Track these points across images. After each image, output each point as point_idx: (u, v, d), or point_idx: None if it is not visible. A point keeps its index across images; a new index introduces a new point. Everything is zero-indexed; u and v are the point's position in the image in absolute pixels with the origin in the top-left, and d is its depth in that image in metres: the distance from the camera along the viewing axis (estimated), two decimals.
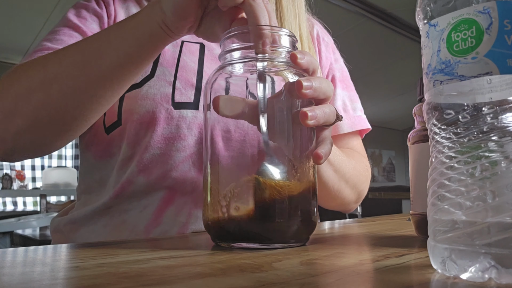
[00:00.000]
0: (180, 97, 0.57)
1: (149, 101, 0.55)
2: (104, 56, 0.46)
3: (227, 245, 0.37)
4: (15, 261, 0.32)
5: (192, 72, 0.59)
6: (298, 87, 0.36)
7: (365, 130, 0.74)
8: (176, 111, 0.56)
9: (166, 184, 0.55)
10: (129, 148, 0.56)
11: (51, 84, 0.47)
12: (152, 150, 0.55)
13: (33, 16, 2.72)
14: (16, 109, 0.48)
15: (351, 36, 3.19)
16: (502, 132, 0.23)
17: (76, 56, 0.47)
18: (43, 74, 0.48)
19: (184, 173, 0.55)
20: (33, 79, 0.48)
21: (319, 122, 0.37)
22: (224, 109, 0.38)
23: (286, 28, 0.46)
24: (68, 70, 0.47)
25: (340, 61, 0.77)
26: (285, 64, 0.39)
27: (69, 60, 0.47)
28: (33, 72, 0.49)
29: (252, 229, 0.36)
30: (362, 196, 0.70)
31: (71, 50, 0.48)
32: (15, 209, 3.68)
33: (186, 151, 0.56)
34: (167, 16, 0.43)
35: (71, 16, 0.61)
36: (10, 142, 0.50)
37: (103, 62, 0.46)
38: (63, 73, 0.47)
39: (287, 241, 0.37)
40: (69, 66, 0.47)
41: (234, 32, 0.39)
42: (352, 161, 0.63)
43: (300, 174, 0.38)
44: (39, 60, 0.50)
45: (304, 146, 0.39)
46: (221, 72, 0.39)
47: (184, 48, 0.61)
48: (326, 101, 0.40)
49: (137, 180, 0.55)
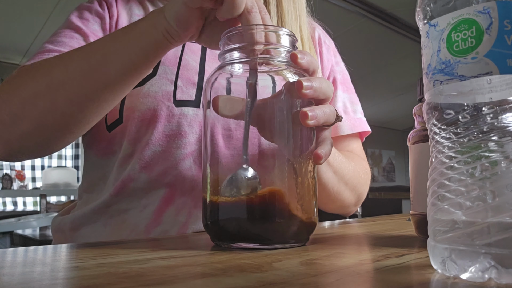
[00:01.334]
0: (181, 95, 0.57)
1: (151, 98, 0.56)
2: (109, 64, 0.47)
3: (226, 245, 0.37)
4: (15, 261, 0.32)
5: (194, 71, 0.59)
6: (299, 87, 0.36)
7: (365, 133, 0.74)
8: (177, 108, 0.56)
9: (166, 181, 0.55)
10: (129, 145, 0.56)
11: (57, 90, 0.48)
12: (153, 147, 0.56)
13: (33, 16, 2.71)
14: (23, 113, 0.49)
15: (351, 36, 3.19)
16: (502, 132, 0.23)
17: (81, 63, 0.48)
18: (50, 79, 0.49)
19: (185, 170, 0.55)
20: (39, 84, 0.49)
21: (319, 122, 0.37)
22: (223, 109, 0.38)
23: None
24: (74, 76, 0.48)
25: (341, 64, 0.77)
26: (285, 63, 0.39)
27: (75, 67, 0.48)
28: (39, 77, 0.49)
29: (251, 229, 0.36)
30: (362, 199, 0.69)
31: (77, 56, 0.49)
32: (15, 209, 3.67)
33: (187, 148, 0.56)
34: (170, 26, 0.44)
35: (73, 18, 0.62)
36: (15, 144, 0.51)
37: (108, 69, 0.47)
38: (69, 80, 0.48)
39: (287, 241, 0.37)
40: (75, 72, 0.48)
41: (233, 32, 0.39)
42: (352, 163, 0.63)
43: (300, 175, 0.38)
44: (45, 64, 0.51)
45: (304, 146, 0.39)
46: (221, 71, 0.39)
47: (186, 47, 0.61)
48: (326, 101, 0.40)
49: (138, 177, 0.56)
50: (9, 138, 0.51)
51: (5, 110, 0.50)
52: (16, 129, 0.50)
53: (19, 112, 0.49)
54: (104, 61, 0.47)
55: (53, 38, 0.59)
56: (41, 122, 0.49)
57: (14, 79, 0.52)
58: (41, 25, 2.85)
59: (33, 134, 0.50)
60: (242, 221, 0.36)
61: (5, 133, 0.51)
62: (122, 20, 0.63)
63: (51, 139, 0.51)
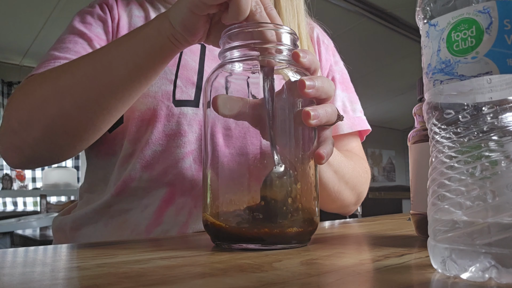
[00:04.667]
0: (181, 94, 0.57)
1: (150, 98, 0.56)
2: (115, 69, 0.47)
3: (227, 245, 0.37)
4: (15, 261, 0.32)
5: (193, 71, 0.59)
6: (301, 86, 0.36)
7: (365, 132, 0.74)
8: (176, 108, 0.57)
9: (167, 180, 0.56)
10: (130, 145, 0.57)
11: (64, 95, 0.48)
12: (153, 146, 0.56)
13: (33, 16, 2.71)
14: (32, 120, 0.50)
15: (351, 36, 3.19)
16: (502, 131, 0.23)
17: (87, 68, 0.48)
18: (57, 85, 0.49)
19: (185, 169, 0.56)
20: (47, 91, 0.50)
21: (321, 122, 0.37)
22: (223, 108, 0.38)
23: None
24: (80, 81, 0.48)
25: (340, 63, 0.77)
26: (286, 62, 0.39)
27: (81, 73, 0.48)
28: (47, 84, 0.50)
29: (253, 230, 0.35)
30: (362, 198, 0.69)
31: (83, 63, 0.49)
32: (15, 209, 3.67)
33: (187, 147, 0.56)
34: (176, 31, 0.44)
35: (76, 23, 0.62)
36: (28, 151, 0.52)
37: (114, 75, 0.47)
38: (75, 85, 0.48)
39: (289, 242, 0.37)
40: (82, 78, 0.48)
41: (234, 30, 0.39)
42: (351, 162, 0.62)
43: (302, 175, 0.38)
44: (52, 72, 0.51)
45: (306, 146, 0.38)
46: (221, 70, 0.39)
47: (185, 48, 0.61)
48: (327, 101, 0.40)
49: (139, 176, 0.56)
50: (20, 146, 0.52)
51: (15, 118, 0.51)
52: (26, 136, 0.50)
53: (29, 118, 0.50)
54: (109, 66, 0.47)
55: (58, 45, 0.60)
56: (50, 128, 0.49)
57: (23, 88, 0.53)
58: (41, 25, 2.85)
59: (43, 141, 0.50)
60: (243, 222, 0.36)
61: (17, 140, 0.52)
62: (122, 22, 0.63)
63: (62, 146, 0.52)
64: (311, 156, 0.38)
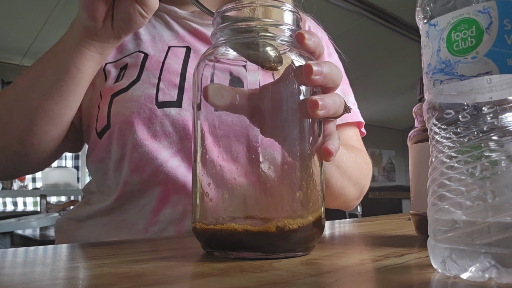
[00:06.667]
0: (163, 96, 0.57)
1: (134, 102, 0.57)
2: (44, 74, 0.54)
3: (223, 254, 0.32)
4: (15, 261, 0.32)
5: (176, 73, 0.59)
6: (307, 72, 0.32)
7: (360, 124, 0.72)
8: (159, 110, 0.57)
9: (159, 180, 0.56)
10: (118, 149, 0.57)
11: (10, 106, 0.56)
12: (139, 148, 0.56)
13: (33, 16, 2.71)
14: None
15: (351, 36, 3.19)
16: (502, 131, 0.23)
17: (26, 78, 0.56)
18: (5, 98, 0.57)
19: (175, 168, 0.56)
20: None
21: (329, 113, 0.33)
22: (215, 98, 0.34)
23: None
24: (21, 90, 0.56)
25: (335, 55, 0.75)
26: (288, 44, 0.34)
27: (21, 82, 0.57)
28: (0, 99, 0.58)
29: (250, 239, 0.31)
30: (364, 191, 0.67)
31: (25, 73, 0.57)
32: (15, 209, 3.67)
33: (173, 148, 0.56)
34: (82, 15, 0.49)
35: None
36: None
37: (44, 79, 0.54)
38: (17, 95, 0.56)
39: (294, 250, 0.32)
40: (21, 87, 0.56)
41: (227, 7, 0.34)
42: (352, 154, 0.60)
43: (307, 173, 0.33)
44: (5, 89, 0.60)
45: (312, 141, 0.34)
46: (211, 55, 0.35)
47: (170, 52, 0.62)
48: (333, 90, 0.36)
49: (132, 179, 0.56)
50: None
51: None
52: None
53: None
54: (41, 72, 0.54)
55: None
56: (3, 136, 0.56)
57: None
58: (41, 25, 2.85)
59: (3, 149, 0.57)
60: (240, 232, 0.31)
61: None
62: None
63: (19, 153, 0.57)
64: (316, 153, 0.34)
